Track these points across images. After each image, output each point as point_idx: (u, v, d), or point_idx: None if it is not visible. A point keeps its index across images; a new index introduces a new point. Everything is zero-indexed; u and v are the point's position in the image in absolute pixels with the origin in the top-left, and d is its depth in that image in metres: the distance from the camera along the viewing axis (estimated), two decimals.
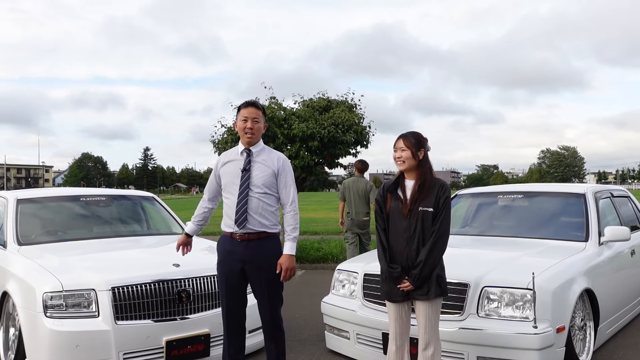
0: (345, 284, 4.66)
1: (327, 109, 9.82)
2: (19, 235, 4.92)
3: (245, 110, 3.76)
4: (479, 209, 5.95)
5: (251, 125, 3.72)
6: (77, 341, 3.79)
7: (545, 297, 3.74)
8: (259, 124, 3.76)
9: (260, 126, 3.78)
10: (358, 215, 8.39)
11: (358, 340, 4.41)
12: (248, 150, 3.77)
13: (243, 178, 3.70)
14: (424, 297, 3.31)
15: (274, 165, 3.74)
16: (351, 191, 8.39)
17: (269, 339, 3.77)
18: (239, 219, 3.64)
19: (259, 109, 3.79)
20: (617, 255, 4.95)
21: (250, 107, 3.76)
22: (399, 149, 3.42)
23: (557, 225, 5.24)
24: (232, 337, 3.81)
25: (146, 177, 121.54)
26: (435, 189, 3.36)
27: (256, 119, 3.74)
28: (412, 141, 3.40)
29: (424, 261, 3.26)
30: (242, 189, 3.68)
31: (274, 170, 3.73)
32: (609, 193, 5.67)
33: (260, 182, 3.69)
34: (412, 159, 3.38)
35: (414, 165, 3.39)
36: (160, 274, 4.15)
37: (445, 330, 3.71)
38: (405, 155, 3.38)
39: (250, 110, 3.75)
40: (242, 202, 3.66)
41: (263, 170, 3.72)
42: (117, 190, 6.54)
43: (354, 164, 8.90)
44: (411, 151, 3.38)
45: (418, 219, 3.32)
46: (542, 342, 3.61)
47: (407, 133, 3.46)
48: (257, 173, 3.71)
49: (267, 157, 3.77)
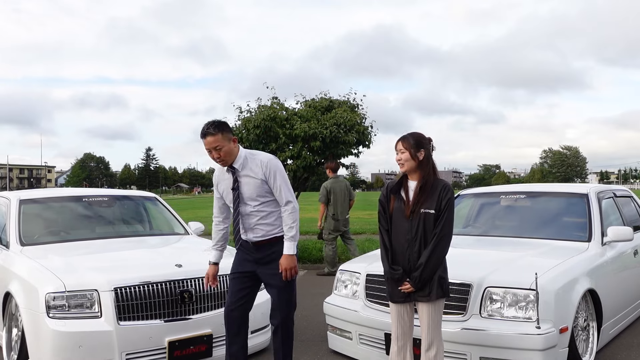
0: (347, 285, 4.66)
1: (329, 109, 9.83)
2: (21, 236, 4.92)
3: (204, 141, 3.63)
4: (481, 209, 5.94)
5: (217, 155, 3.63)
6: (79, 342, 3.79)
7: (548, 297, 3.73)
8: (223, 147, 3.62)
9: (227, 147, 3.62)
10: (343, 215, 8.52)
11: (360, 340, 4.40)
12: (233, 169, 3.72)
13: (234, 197, 3.72)
14: (426, 298, 3.30)
15: (259, 173, 3.68)
16: (336, 193, 8.46)
17: (277, 341, 3.74)
18: (245, 234, 3.73)
19: (214, 134, 3.58)
20: (620, 255, 4.94)
21: (207, 138, 3.60)
22: (398, 151, 3.42)
23: (560, 225, 5.22)
24: (234, 336, 3.81)
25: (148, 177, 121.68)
26: (438, 190, 3.34)
27: (217, 146, 3.60)
28: (411, 142, 3.38)
29: (424, 264, 3.25)
30: (235, 207, 3.73)
31: (262, 179, 3.68)
32: (611, 193, 5.65)
33: (254, 195, 3.69)
34: (411, 160, 3.37)
35: (414, 167, 3.38)
36: (163, 275, 4.15)
37: (447, 331, 3.70)
38: (404, 157, 3.37)
39: (207, 140, 3.60)
40: (237, 220, 3.73)
41: (250, 183, 3.69)
42: (119, 191, 6.55)
43: (328, 165, 8.86)
44: (410, 152, 3.36)
45: (420, 220, 3.31)
46: (545, 343, 3.60)
47: (406, 135, 3.44)
48: (246, 188, 3.70)
49: (251, 168, 3.70)
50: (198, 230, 5.97)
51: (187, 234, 5.82)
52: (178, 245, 5.44)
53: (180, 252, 5.14)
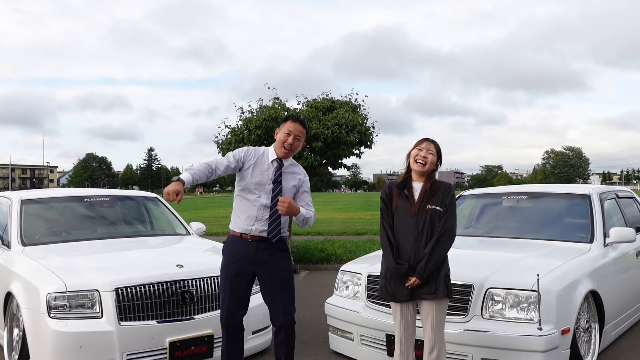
0: (349, 285, 4.65)
1: (330, 110, 9.81)
2: (23, 236, 4.92)
3: (292, 124, 3.72)
4: (483, 209, 5.93)
5: (292, 142, 3.70)
6: (80, 342, 3.79)
7: (550, 298, 3.72)
8: (299, 142, 3.75)
9: (299, 145, 3.78)
10: None
11: (362, 341, 4.40)
12: (279, 161, 3.74)
13: (275, 190, 3.68)
14: (432, 295, 3.29)
15: (298, 181, 3.78)
16: None
17: (280, 341, 3.69)
18: (272, 231, 3.66)
19: (305, 127, 3.76)
20: (622, 256, 4.93)
21: (297, 124, 3.73)
22: (425, 149, 3.46)
23: (562, 226, 5.21)
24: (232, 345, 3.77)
25: (150, 177, 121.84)
26: (442, 189, 3.42)
27: (299, 136, 3.72)
28: (439, 149, 3.52)
29: (428, 254, 3.27)
30: (274, 202, 3.65)
31: (297, 185, 3.77)
32: (614, 194, 5.64)
33: (291, 192, 3.73)
34: (433, 164, 3.47)
35: (431, 170, 3.46)
36: (164, 275, 4.15)
37: (449, 332, 3.69)
38: (431, 158, 3.45)
39: (296, 126, 3.72)
40: (275, 214, 3.65)
41: (290, 183, 3.75)
42: (121, 191, 6.55)
43: None
44: (436, 157, 3.48)
45: (427, 216, 3.34)
46: (546, 344, 3.59)
47: (434, 140, 3.55)
48: (287, 185, 3.73)
49: (293, 172, 3.79)
50: (199, 231, 5.97)
51: (188, 234, 5.82)
52: (179, 246, 5.44)
53: (181, 253, 5.14)
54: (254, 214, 3.66)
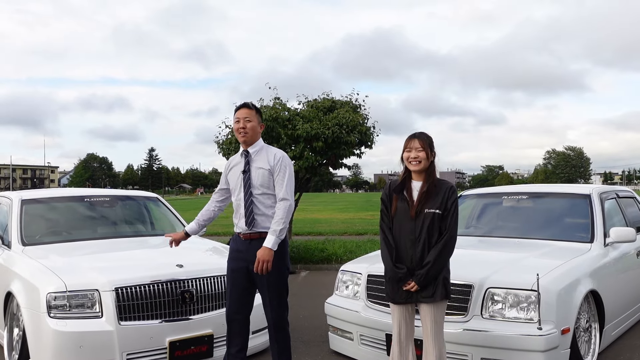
0: (349, 285, 4.65)
1: (331, 110, 9.81)
2: (23, 236, 4.92)
3: (238, 112, 3.83)
4: (483, 209, 5.93)
5: (243, 125, 3.77)
6: (80, 341, 3.80)
7: (550, 298, 3.72)
8: (251, 122, 3.79)
9: (254, 125, 3.80)
10: None
11: (362, 341, 4.40)
12: (246, 152, 3.84)
13: (244, 180, 3.77)
14: (430, 299, 3.28)
15: (270, 163, 3.76)
16: None
17: (273, 341, 3.79)
18: (248, 220, 3.73)
19: (251, 108, 3.83)
20: (622, 256, 4.92)
21: (242, 109, 3.83)
22: (414, 149, 3.37)
23: (563, 226, 5.21)
24: (234, 336, 3.81)
25: (151, 177, 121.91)
26: (443, 190, 3.34)
27: (248, 118, 3.78)
28: (427, 141, 3.39)
29: (432, 262, 3.23)
30: (245, 191, 3.76)
31: (269, 169, 3.75)
32: (614, 194, 5.64)
33: (258, 183, 3.74)
34: (427, 159, 3.37)
35: (427, 166, 3.37)
36: (164, 275, 4.16)
37: (449, 332, 3.69)
38: (422, 156, 3.35)
39: (242, 111, 3.82)
40: (247, 203, 3.74)
41: (259, 171, 3.76)
42: (121, 191, 6.55)
43: None
44: (426, 152, 3.37)
45: (425, 220, 3.30)
46: (546, 344, 3.59)
47: (420, 133, 3.43)
48: (255, 174, 3.76)
49: (264, 156, 3.80)
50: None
51: None
52: (179, 246, 5.42)
53: (181, 253, 5.11)
54: (238, 211, 3.80)
